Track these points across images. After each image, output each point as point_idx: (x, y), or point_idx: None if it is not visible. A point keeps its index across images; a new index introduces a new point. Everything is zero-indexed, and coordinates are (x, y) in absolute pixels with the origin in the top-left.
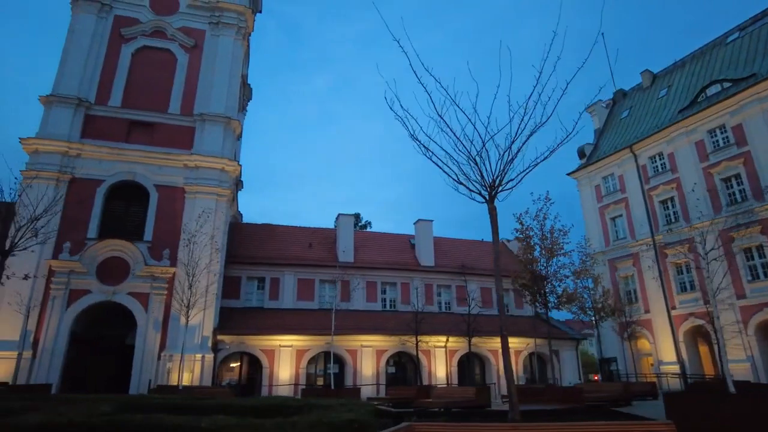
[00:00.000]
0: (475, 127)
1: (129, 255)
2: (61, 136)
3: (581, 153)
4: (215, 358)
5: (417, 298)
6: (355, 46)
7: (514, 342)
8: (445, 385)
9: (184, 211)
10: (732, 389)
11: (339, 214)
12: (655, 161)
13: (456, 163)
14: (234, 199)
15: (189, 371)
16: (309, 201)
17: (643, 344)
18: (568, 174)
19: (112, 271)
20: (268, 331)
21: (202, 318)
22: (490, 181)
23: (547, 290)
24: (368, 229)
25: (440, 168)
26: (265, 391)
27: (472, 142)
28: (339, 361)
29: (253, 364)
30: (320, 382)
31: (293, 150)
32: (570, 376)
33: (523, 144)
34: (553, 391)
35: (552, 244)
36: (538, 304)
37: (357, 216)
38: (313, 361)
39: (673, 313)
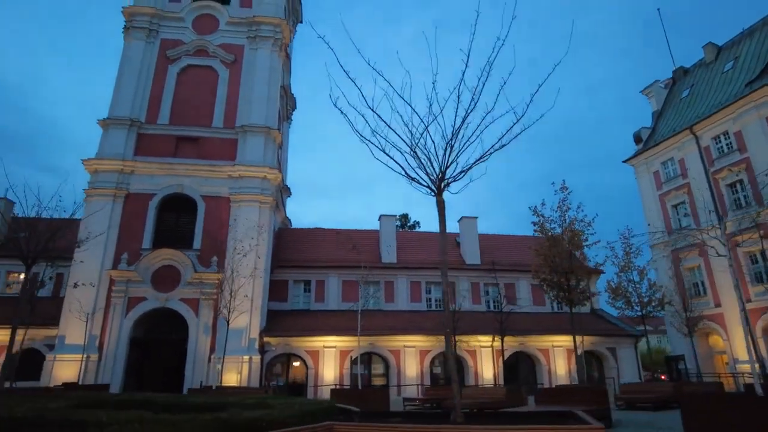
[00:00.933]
0: (415, 112)
1: (180, 263)
2: (117, 155)
3: (637, 138)
4: (262, 360)
5: (458, 297)
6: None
7: (563, 340)
8: (492, 386)
9: (229, 220)
10: None
11: (381, 215)
12: (720, 141)
13: (403, 155)
14: (280, 206)
15: (237, 372)
16: (363, 205)
17: (716, 341)
18: (624, 161)
19: (165, 278)
20: (311, 332)
21: (249, 321)
22: (437, 172)
23: (571, 285)
24: (417, 230)
25: (385, 164)
26: (311, 392)
27: (412, 133)
28: (384, 361)
29: (300, 365)
30: (367, 382)
31: (350, 155)
32: (629, 375)
33: (475, 132)
34: (580, 392)
35: (573, 236)
36: (560, 301)
37: (405, 217)
38: (357, 361)
39: (748, 306)
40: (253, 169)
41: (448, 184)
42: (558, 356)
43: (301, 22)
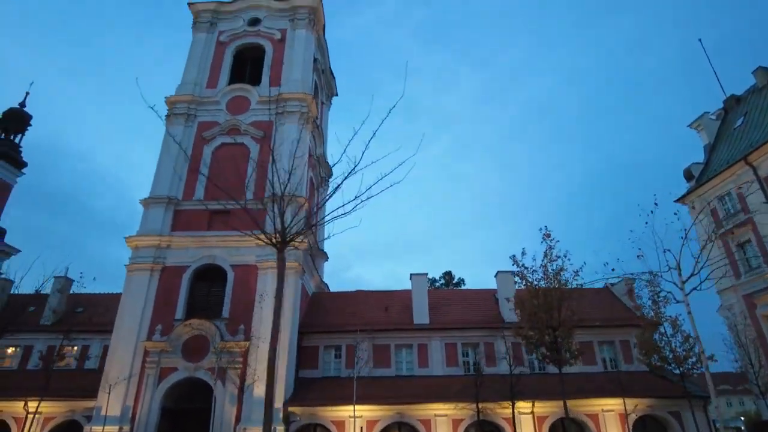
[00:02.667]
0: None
1: (208, 332)
2: (155, 231)
3: (688, 174)
4: (287, 431)
5: (498, 358)
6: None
7: (615, 403)
8: None
9: (256, 287)
10: None
11: (411, 274)
12: None
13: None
14: (313, 271)
15: None
16: (409, 263)
17: None
18: (675, 201)
19: (195, 348)
20: (337, 401)
21: (273, 390)
22: (280, 230)
23: (559, 342)
24: (462, 287)
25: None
26: None
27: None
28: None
29: None
30: None
31: (394, 214)
32: None
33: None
34: None
35: (560, 285)
36: (547, 361)
37: (448, 274)
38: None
39: None
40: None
41: (289, 241)
42: (609, 422)
43: (336, 95)
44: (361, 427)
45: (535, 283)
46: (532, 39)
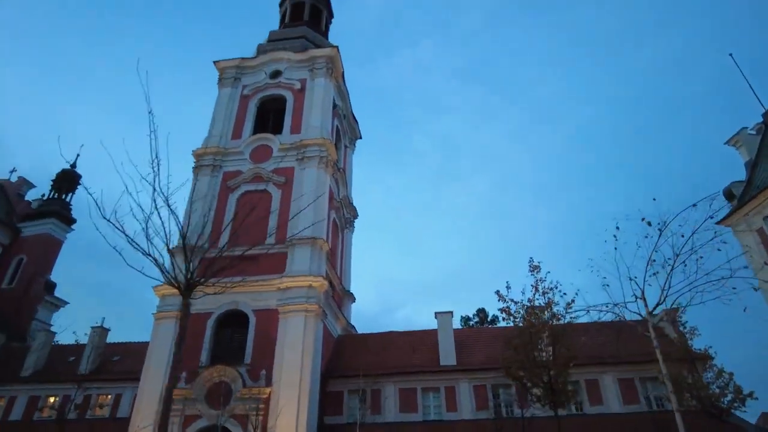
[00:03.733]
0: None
1: (230, 379)
2: (181, 279)
3: (729, 194)
4: None
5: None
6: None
7: None
8: None
9: (277, 331)
10: None
11: (436, 313)
12: None
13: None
14: (338, 313)
15: None
16: (442, 301)
17: None
18: (717, 223)
19: (218, 395)
20: None
21: None
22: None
23: (553, 382)
24: (497, 325)
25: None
26: None
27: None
28: None
29: None
30: None
31: (426, 252)
32: None
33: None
34: None
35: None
36: (543, 403)
37: (482, 311)
38: None
39: None
40: (299, 279)
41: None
42: None
43: (360, 138)
44: None
45: (520, 319)
46: (569, 70)
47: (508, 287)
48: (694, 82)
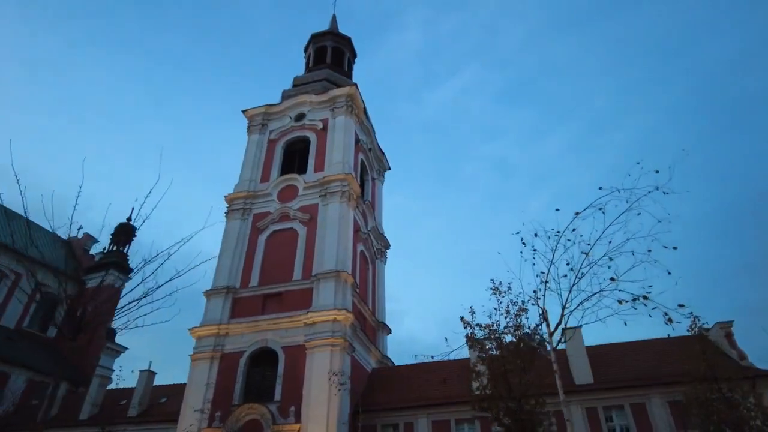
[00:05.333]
0: None
1: (261, 417)
2: (215, 320)
3: None
4: None
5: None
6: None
7: None
8: None
9: (305, 367)
10: None
11: (466, 336)
12: None
13: None
14: (370, 346)
15: None
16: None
17: None
18: None
19: None
20: None
21: None
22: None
23: (524, 412)
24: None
25: None
26: None
27: None
28: None
29: None
30: None
31: (454, 279)
32: None
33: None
34: None
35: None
36: None
37: None
38: None
39: None
40: (324, 314)
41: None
42: None
43: (389, 169)
44: None
45: (488, 345)
46: (619, 82)
47: (472, 312)
48: (761, 79)
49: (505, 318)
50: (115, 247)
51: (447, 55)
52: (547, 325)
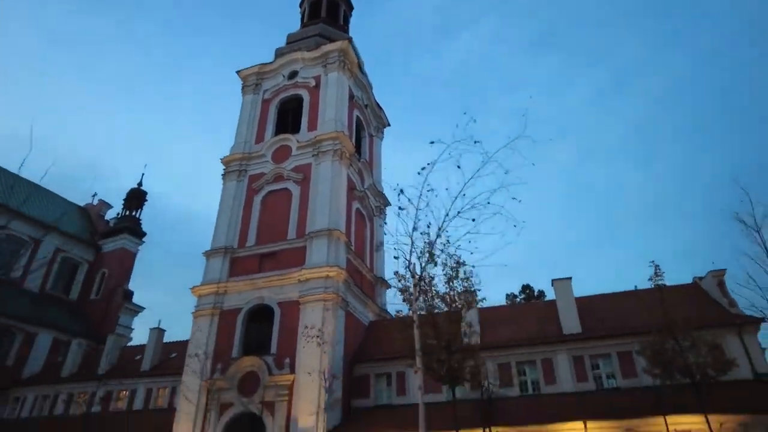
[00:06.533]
0: None
1: (258, 369)
2: (215, 279)
3: None
4: None
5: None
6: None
7: (691, 421)
8: None
9: (299, 322)
10: None
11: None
12: None
13: None
14: (367, 300)
15: None
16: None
17: None
18: None
19: (249, 384)
20: (371, 430)
21: (315, 422)
22: None
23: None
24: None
25: None
26: None
27: None
28: None
29: None
30: None
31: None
32: None
33: None
34: None
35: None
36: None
37: (527, 288)
38: None
39: None
40: (317, 270)
41: None
42: None
43: (388, 125)
44: None
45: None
46: (650, 27)
47: (409, 266)
48: None
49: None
50: (127, 212)
51: (465, 6)
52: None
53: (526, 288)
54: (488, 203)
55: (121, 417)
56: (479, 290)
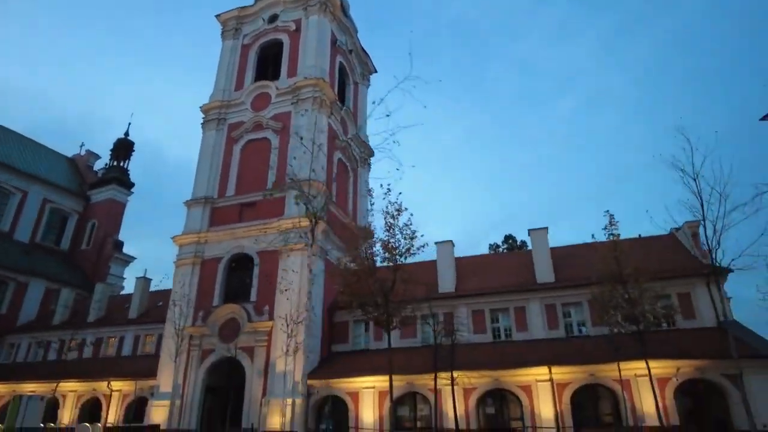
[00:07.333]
0: None
1: (239, 315)
2: (195, 229)
3: None
4: (307, 403)
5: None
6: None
7: (653, 366)
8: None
9: (278, 270)
10: None
11: (436, 242)
12: None
13: None
14: (340, 250)
15: (281, 415)
16: (468, 229)
17: None
18: (762, 119)
19: (229, 330)
20: (350, 373)
21: (293, 365)
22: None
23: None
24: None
25: None
26: None
27: None
28: (426, 402)
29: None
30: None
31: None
32: None
33: None
34: None
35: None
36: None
37: (510, 238)
38: (403, 402)
39: None
40: (294, 220)
41: None
42: (644, 388)
43: (375, 71)
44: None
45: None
46: None
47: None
48: None
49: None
50: (115, 163)
51: None
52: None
53: (509, 238)
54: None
55: (111, 362)
56: (421, 236)
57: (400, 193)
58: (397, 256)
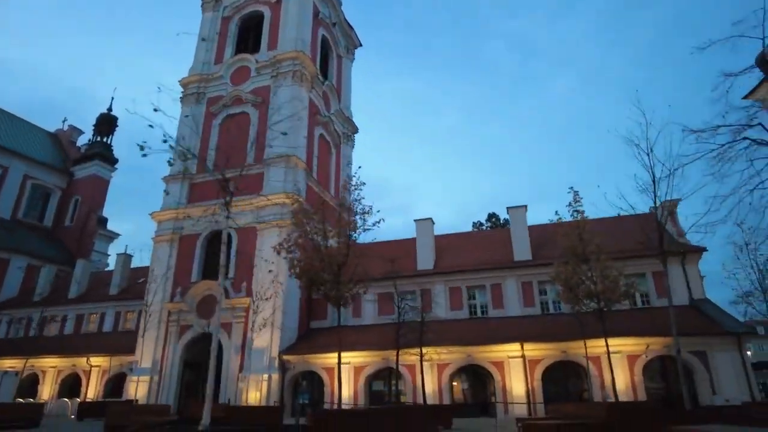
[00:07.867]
0: None
1: (216, 292)
2: (174, 205)
3: (762, 61)
4: (283, 378)
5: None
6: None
7: (624, 344)
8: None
9: (256, 247)
10: None
11: (415, 220)
12: None
13: None
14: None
15: (257, 390)
16: (454, 208)
17: None
18: (744, 97)
19: (207, 307)
20: (326, 349)
21: (270, 341)
22: None
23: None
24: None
25: None
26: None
27: None
28: (403, 378)
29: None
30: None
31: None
32: (731, 388)
33: None
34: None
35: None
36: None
37: (494, 216)
38: (378, 377)
39: None
40: (273, 197)
41: None
42: (617, 365)
43: (360, 45)
44: None
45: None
46: None
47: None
48: None
49: None
50: (99, 138)
51: None
52: None
53: (492, 216)
54: None
55: (91, 338)
56: (377, 211)
57: (360, 167)
58: (350, 232)
